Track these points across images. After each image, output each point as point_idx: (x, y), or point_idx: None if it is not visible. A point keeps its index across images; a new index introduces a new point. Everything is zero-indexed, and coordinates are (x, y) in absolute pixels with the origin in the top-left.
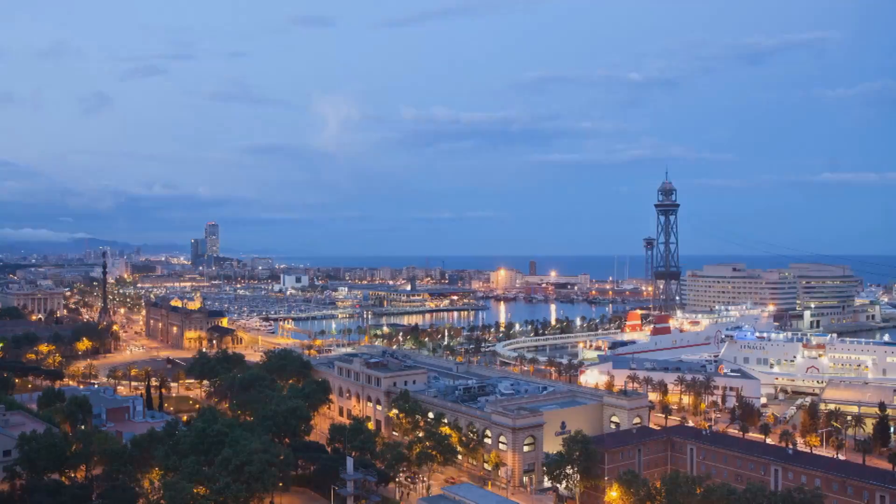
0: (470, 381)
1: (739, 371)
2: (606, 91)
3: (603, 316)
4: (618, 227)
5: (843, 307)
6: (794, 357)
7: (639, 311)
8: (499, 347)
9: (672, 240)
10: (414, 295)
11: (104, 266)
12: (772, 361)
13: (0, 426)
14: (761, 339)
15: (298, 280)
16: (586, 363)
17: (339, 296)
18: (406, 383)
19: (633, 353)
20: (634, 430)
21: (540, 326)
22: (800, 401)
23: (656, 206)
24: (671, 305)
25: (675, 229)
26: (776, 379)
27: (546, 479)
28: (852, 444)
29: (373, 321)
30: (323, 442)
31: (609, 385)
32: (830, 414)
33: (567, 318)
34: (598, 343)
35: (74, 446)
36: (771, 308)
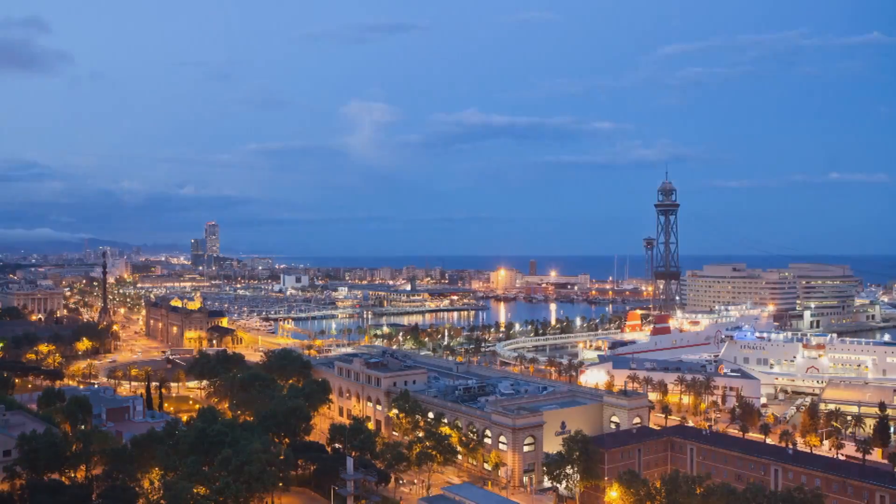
0: (470, 381)
1: (739, 371)
2: (606, 91)
3: (603, 316)
4: (618, 228)
5: (843, 307)
6: (794, 357)
7: (639, 311)
8: (499, 347)
9: (672, 240)
10: (414, 295)
11: (104, 266)
12: (772, 361)
13: (0, 426)
14: (761, 339)
15: (298, 280)
16: (586, 363)
17: (339, 296)
18: (406, 383)
19: (633, 353)
20: (634, 430)
21: (540, 326)
22: (800, 401)
23: (656, 206)
24: (671, 305)
25: (675, 229)
26: (776, 379)
27: (546, 479)
28: (852, 444)
29: (373, 321)
30: (323, 442)
31: (609, 385)
32: (830, 414)
33: (567, 318)
34: (598, 343)
35: (74, 446)
36: (771, 308)
